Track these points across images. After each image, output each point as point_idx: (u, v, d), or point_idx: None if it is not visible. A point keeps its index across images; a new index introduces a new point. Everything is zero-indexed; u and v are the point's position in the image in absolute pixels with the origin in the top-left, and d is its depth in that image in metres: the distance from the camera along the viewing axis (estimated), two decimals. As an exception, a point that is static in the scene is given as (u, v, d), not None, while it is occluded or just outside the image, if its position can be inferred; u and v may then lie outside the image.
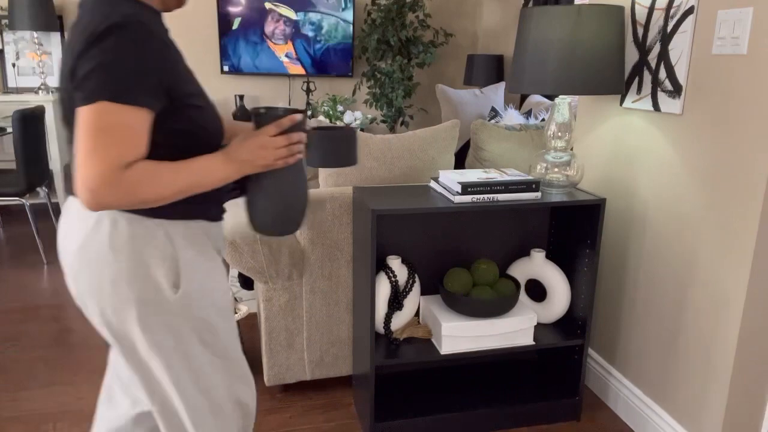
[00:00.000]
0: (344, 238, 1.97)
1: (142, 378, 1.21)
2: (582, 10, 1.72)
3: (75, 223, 1.12)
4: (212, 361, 1.22)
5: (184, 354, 1.18)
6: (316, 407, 2.09)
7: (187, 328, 1.16)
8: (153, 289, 1.11)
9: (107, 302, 1.11)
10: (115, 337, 1.15)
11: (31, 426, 1.97)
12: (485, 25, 5.17)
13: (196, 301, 1.16)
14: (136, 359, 1.18)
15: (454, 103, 4.33)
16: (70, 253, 1.12)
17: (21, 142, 3.27)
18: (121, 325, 1.13)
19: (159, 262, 1.11)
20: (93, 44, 0.97)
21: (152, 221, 1.10)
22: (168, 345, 1.15)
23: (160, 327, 1.13)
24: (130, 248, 1.09)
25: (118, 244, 1.08)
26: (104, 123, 0.97)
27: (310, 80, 4.88)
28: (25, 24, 4.11)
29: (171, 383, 1.19)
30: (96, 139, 0.96)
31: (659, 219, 1.85)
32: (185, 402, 1.21)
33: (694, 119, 1.70)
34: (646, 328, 1.94)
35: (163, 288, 1.11)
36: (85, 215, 1.10)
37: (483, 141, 2.24)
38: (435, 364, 2.21)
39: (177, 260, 1.13)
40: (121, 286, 1.09)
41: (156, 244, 1.11)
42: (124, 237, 1.09)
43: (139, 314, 1.11)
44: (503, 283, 1.95)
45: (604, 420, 2.06)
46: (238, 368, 1.29)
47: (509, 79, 1.93)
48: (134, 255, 1.09)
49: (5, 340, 2.54)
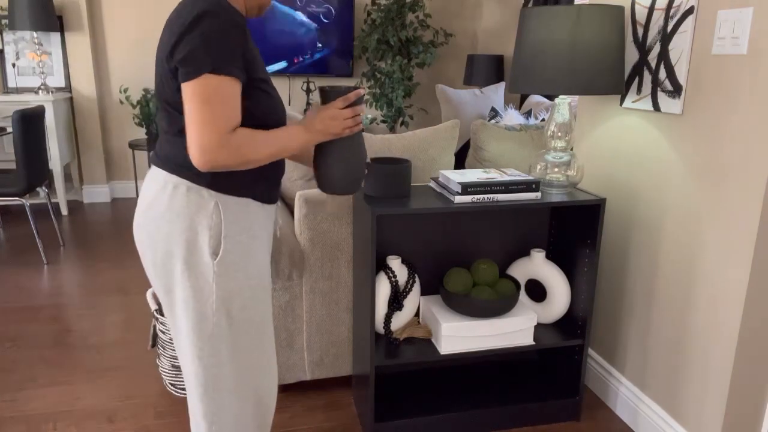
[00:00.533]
0: (344, 238, 1.97)
1: (174, 333, 1.34)
2: (582, 10, 1.72)
3: (148, 187, 1.29)
4: (236, 339, 1.31)
5: (210, 321, 1.28)
6: (316, 407, 2.09)
7: (216, 296, 1.27)
8: (196, 251, 1.24)
9: (159, 254, 1.26)
10: (162, 287, 1.29)
11: (31, 426, 1.97)
12: (485, 25, 5.17)
13: (231, 272, 1.27)
14: (173, 312, 1.31)
15: (454, 103, 4.33)
16: (140, 210, 1.29)
17: (21, 142, 3.27)
18: (166, 278, 1.27)
19: (205, 230, 1.24)
20: (190, 27, 1.12)
21: (208, 192, 1.24)
22: (197, 308, 1.26)
23: (194, 288, 1.25)
24: (185, 212, 1.23)
25: (176, 207, 1.23)
26: (210, 93, 1.12)
27: (310, 80, 4.88)
28: (25, 24, 4.12)
29: (193, 345, 1.29)
30: (206, 110, 1.12)
31: (659, 219, 1.85)
32: (202, 370, 1.31)
33: (694, 119, 1.70)
34: (646, 328, 1.94)
35: (204, 252, 1.24)
36: (156, 179, 1.26)
37: (483, 141, 2.24)
38: (435, 364, 2.21)
39: (221, 230, 1.25)
40: (171, 242, 1.24)
41: (206, 212, 1.24)
42: (182, 201, 1.23)
43: (182, 270, 1.25)
44: (503, 283, 1.95)
45: (604, 420, 2.06)
46: (263, 355, 1.38)
47: (509, 79, 1.93)
48: (187, 218, 1.23)
49: (5, 340, 2.54)
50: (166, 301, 1.31)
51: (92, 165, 4.76)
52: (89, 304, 2.93)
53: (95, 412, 2.05)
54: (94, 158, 4.75)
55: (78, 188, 4.84)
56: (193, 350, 1.30)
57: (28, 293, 3.05)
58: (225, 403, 1.34)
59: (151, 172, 1.30)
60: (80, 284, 3.19)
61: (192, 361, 1.31)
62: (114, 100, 4.76)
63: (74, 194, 4.84)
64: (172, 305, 1.30)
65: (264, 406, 1.42)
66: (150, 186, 1.28)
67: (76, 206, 4.70)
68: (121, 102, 4.73)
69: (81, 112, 4.63)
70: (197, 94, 1.12)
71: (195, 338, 1.29)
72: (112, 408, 2.07)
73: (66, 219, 4.37)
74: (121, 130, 4.84)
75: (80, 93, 4.60)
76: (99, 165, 4.76)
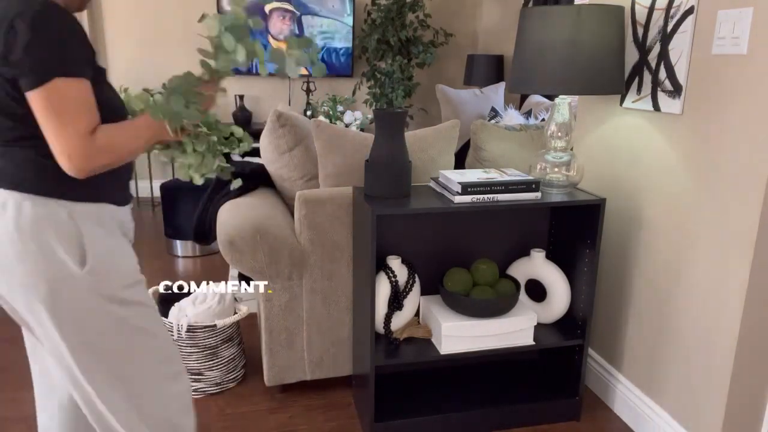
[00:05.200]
0: (344, 238, 1.97)
1: (57, 360, 1.23)
2: (582, 10, 1.72)
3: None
4: (128, 341, 1.25)
5: (97, 332, 1.21)
6: (316, 407, 2.09)
7: (96, 304, 1.19)
8: (59, 267, 1.15)
9: (17, 281, 1.16)
10: (25, 316, 1.19)
11: (31, 426, 1.97)
12: (485, 25, 5.17)
13: (104, 276, 1.20)
14: (50, 338, 1.20)
15: (454, 103, 4.33)
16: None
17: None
18: (30, 304, 1.17)
19: (62, 241, 1.15)
20: (24, 31, 1.04)
21: (56, 202, 1.16)
22: (79, 326, 1.19)
23: (69, 304, 1.17)
24: (34, 229, 1.14)
25: (22, 225, 1.13)
26: (63, 98, 1.07)
27: (310, 80, 4.88)
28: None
29: (81, 367, 1.21)
30: (65, 117, 1.07)
31: (659, 219, 1.85)
32: (96, 388, 1.23)
33: (694, 119, 1.70)
34: (646, 328, 1.94)
35: (68, 265, 1.16)
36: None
37: (483, 141, 2.24)
38: (435, 364, 2.21)
39: (81, 238, 1.17)
40: (28, 264, 1.14)
41: (59, 224, 1.16)
42: (29, 218, 1.14)
43: (49, 291, 1.15)
44: (503, 283, 1.95)
45: (604, 420, 2.06)
46: (162, 350, 1.31)
47: (509, 79, 1.93)
48: (38, 235, 1.14)
49: (5, 340, 2.54)
50: (33, 328, 1.21)
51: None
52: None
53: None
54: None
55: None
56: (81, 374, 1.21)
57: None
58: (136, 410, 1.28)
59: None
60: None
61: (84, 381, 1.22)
62: (114, 100, 4.75)
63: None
64: (45, 331, 1.19)
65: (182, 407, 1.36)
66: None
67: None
68: (121, 102, 4.72)
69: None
70: (48, 100, 1.06)
71: (79, 358, 1.20)
72: (112, 408, 2.07)
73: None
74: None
75: (80, 93, 4.60)
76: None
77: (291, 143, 2.12)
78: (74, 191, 1.17)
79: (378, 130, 1.79)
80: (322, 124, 2.02)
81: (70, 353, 1.20)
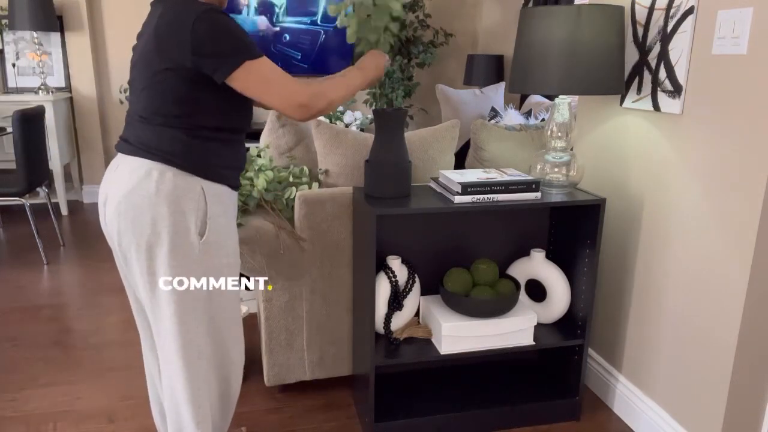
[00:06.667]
0: (344, 238, 1.97)
1: (153, 312, 1.42)
2: (582, 10, 1.72)
3: (125, 175, 1.35)
4: (215, 313, 1.45)
5: (193, 296, 1.39)
6: (316, 407, 2.09)
7: (200, 273, 1.39)
8: (184, 232, 1.34)
9: (144, 238, 1.33)
10: (145, 269, 1.36)
11: (31, 426, 1.97)
12: (485, 25, 5.17)
13: (214, 251, 1.40)
14: (154, 293, 1.38)
15: (454, 103, 4.33)
16: (118, 196, 1.34)
17: (21, 142, 3.27)
18: (150, 260, 1.35)
19: (192, 211, 1.35)
20: (206, 30, 1.25)
21: (193, 177, 1.35)
22: (182, 286, 1.37)
23: (180, 266, 1.36)
24: (172, 196, 1.33)
25: (164, 191, 1.32)
26: (261, 73, 1.29)
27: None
28: (25, 24, 4.11)
29: (176, 320, 1.39)
30: (274, 81, 1.31)
31: (659, 219, 1.85)
32: (185, 343, 1.42)
33: (694, 119, 1.70)
34: (646, 328, 1.94)
35: (191, 233, 1.35)
36: (136, 167, 1.34)
37: (483, 141, 2.23)
38: (435, 364, 2.21)
39: (206, 213, 1.37)
40: (159, 225, 1.32)
41: (193, 196, 1.35)
42: (170, 186, 1.33)
43: (169, 250, 1.34)
44: (503, 283, 1.95)
45: (604, 420, 2.06)
46: (238, 327, 1.54)
47: (509, 79, 1.93)
48: (175, 202, 1.33)
49: (5, 340, 2.54)
50: (148, 282, 1.38)
51: (92, 165, 4.76)
52: (89, 304, 2.92)
53: (95, 412, 2.05)
54: (94, 158, 4.75)
55: (78, 188, 4.84)
56: (176, 326, 1.39)
57: (28, 293, 3.05)
58: (203, 370, 1.47)
59: (127, 160, 1.37)
60: (80, 284, 3.20)
61: (175, 337, 1.40)
62: (114, 100, 4.75)
63: (74, 194, 4.84)
64: (154, 285, 1.38)
65: (227, 382, 1.57)
66: (128, 175, 1.35)
67: (76, 206, 4.70)
68: (121, 102, 4.72)
69: (81, 112, 4.63)
70: (252, 77, 1.28)
71: (178, 314, 1.39)
72: (112, 408, 2.07)
73: (66, 219, 4.38)
74: (120, 129, 4.79)
75: (80, 93, 4.61)
76: (99, 165, 4.76)
77: (291, 143, 2.12)
78: (207, 170, 1.37)
79: (378, 130, 1.78)
80: (322, 124, 2.02)
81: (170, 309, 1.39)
